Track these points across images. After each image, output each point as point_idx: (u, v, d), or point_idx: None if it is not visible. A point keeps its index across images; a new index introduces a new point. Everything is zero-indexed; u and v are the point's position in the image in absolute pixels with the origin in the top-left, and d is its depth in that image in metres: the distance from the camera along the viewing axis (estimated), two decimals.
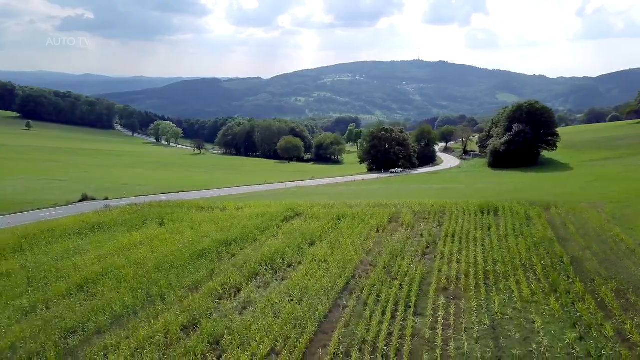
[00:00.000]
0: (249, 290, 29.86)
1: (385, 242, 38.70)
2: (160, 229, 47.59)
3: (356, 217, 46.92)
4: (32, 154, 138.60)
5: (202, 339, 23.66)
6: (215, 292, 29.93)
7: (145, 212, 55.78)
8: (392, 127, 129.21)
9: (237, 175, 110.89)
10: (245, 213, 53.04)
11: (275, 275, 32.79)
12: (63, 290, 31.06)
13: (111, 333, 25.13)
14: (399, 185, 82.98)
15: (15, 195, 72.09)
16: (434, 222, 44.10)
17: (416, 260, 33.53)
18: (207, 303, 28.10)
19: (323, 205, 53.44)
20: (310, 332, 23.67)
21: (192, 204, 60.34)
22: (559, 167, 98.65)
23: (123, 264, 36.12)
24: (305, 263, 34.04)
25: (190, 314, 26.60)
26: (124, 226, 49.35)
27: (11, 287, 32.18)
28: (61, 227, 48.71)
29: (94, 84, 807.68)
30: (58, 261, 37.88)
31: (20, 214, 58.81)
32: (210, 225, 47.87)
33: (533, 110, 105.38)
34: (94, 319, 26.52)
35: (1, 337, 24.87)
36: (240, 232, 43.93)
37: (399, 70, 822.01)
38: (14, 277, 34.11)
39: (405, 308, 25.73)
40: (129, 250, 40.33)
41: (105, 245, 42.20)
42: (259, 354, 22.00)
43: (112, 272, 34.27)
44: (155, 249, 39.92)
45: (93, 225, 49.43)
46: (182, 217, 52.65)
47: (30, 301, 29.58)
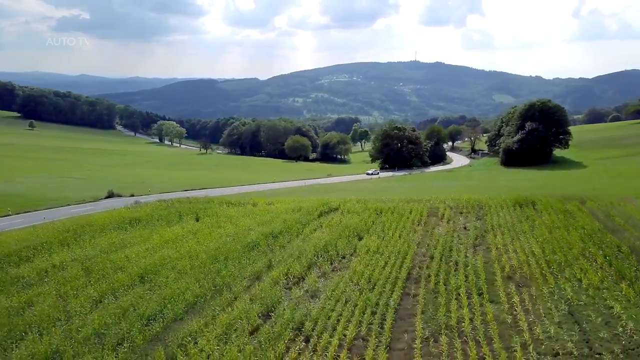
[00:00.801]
0: (311, 280, 30.24)
1: (431, 234, 39.25)
2: (197, 224, 47.93)
3: (394, 211, 47.42)
4: (39, 153, 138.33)
5: (285, 324, 24.02)
6: (279, 281, 30.33)
7: (177, 207, 56.03)
8: (404, 126, 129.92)
9: (250, 174, 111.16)
10: (279, 208, 53.50)
11: (332, 265, 33.19)
12: (125, 281, 31.31)
13: (190, 320, 25.43)
14: (419, 182, 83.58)
15: (38, 192, 72.11)
16: (473, 216, 44.67)
17: (470, 251, 34.06)
18: (276, 291, 28.48)
19: (356, 201, 53.98)
20: (391, 319, 24.07)
21: (220, 200, 60.67)
22: (573, 165, 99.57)
23: (175, 255, 36.44)
24: (360, 255, 34.46)
25: (263, 302, 26.95)
26: (161, 221, 49.63)
27: (72, 279, 32.37)
28: (99, 221, 48.87)
29: (90, 85, 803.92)
30: (108, 254, 38.07)
31: (51, 210, 58.88)
32: (248, 219, 48.26)
33: (546, 109, 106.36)
34: (169, 307, 26.82)
35: (83, 325, 25.09)
36: (282, 225, 44.34)
37: (396, 71, 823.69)
38: (71, 269, 34.28)
39: (477, 295, 26.18)
40: (175, 243, 40.64)
41: (150, 238, 42.45)
42: (347, 339, 22.37)
43: (168, 263, 34.58)
44: (202, 242, 40.25)
45: (131, 220, 49.63)
46: (215, 212, 52.98)
47: (97, 291, 29.80)
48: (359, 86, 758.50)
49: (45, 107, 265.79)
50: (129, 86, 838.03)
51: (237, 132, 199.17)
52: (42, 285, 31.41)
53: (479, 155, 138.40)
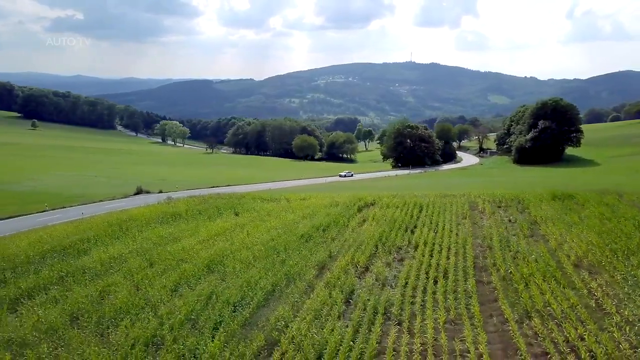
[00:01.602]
0: (378, 269, 30.79)
1: (480, 227, 39.95)
2: (239, 218, 48.39)
3: (434, 205, 48.13)
4: (49, 152, 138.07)
5: (371, 310, 24.60)
6: (347, 270, 30.88)
7: (212, 203, 56.48)
8: (417, 124, 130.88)
9: (265, 172, 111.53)
10: (314, 203, 54.08)
11: (391, 256, 33.80)
12: (193, 271, 31.74)
13: (274, 307, 25.95)
14: (439, 180, 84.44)
15: (63, 189, 72.25)
16: (515, 209, 45.38)
17: (527, 241, 34.74)
18: (349, 279, 29.04)
19: (391, 196, 54.62)
20: (477, 304, 24.71)
21: (252, 196, 61.24)
22: (586, 162, 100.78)
23: (232, 247, 36.92)
24: (418, 246, 35.09)
25: (340, 289, 27.53)
26: (202, 215, 50.05)
27: (138, 270, 32.75)
28: (141, 216, 49.20)
29: (85, 85, 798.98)
30: (163, 246, 38.44)
31: (86, 206, 59.17)
32: (290, 213, 48.76)
33: (558, 107, 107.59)
34: (249, 294, 27.31)
35: (171, 312, 25.53)
36: (326, 219, 44.93)
37: (391, 72, 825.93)
38: (133, 261, 34.64)
39: (554, 281, 26.81)
40: (225, 236, 41.14)
41: (198, 232, 42.85)
42: (439, 322, 22.99)
43: (229, 254, 35.04)
44: (252, 235, 40.76)
45: (171, 214, 50.04)
46: (252, 207, 53.50)
47: (169, 281, 30.21)
48: (355, 87, 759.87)
49: (46, 107, 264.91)
50: (123, 87, 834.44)
51: (243, 132, 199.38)
52: (110, 276, 31.76)
53: (488, 154, 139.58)
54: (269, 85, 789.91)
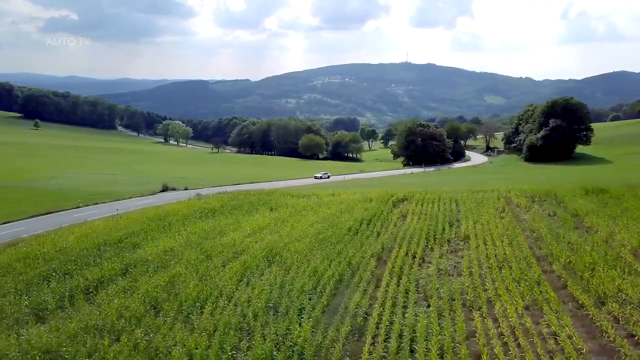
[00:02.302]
0: (435, 260, 31.51)
1: (523, 220, 40.73)
2: (275, 213, 48.89)
3: (469, 200, 48.93)
4: (56, 152, 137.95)
5: (447, 296, 25.30)
6: (406, 261, 31.55)
7: (243, 199, 57.06)
8: (428, 123, 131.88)
9: (277, 170, 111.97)
10: (346, 198, 54.88)
11: (443, 248, 34.52)
12: (253, 263, 32.29)
13: (350, 294, 26.58)
14: (457, 177, 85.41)
15: (88, 187, 72.46)
16: (550, 203, 46.22)
17: (575, 232, 35.48)
18: (413, 269, 29.76)
19: (422, 192, 55.49)
20: (551, 290, 25.42)
21: (281, 193, 61.88)
22: (597, 160, 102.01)
23: (282, 240, 37.48)
24: (469, 238, 35.79)
25: (407, 278, 28.24)
26: (238, 210, 50.62)
27: (196, 261, 33.24)
28: (177, 212, 49.66)
29: (79, 86, 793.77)
30: (211, 239, 38.96)
31: (116, 203, 59.50)
32: (326, 209, 49.38)
33: (569, 106, 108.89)
34: (320, 283, 27.90)
35: (249, 299, 26.12)
36: (365, 213, 45.63)
37: (388, 73, 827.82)
38: (188, 253, 35.11)
39: (618, 269, 27.49)
40: (270, 229, 41.82)
41: (241, 226, 43.34)
42: (518, 308, 23.65)
43: (283, 246, 35.63)
44: (297, 228, 41.35)
45: (208, 210, 50.54)
46: (285, 203, 54.09)
47: (232, 271, 30.74)
48: (352, 87, 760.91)
49: (47, 107, 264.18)
50: (119, 87, 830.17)
51: (248, 132, 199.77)
52: (172, 267, 32.18)
53: (495, 153, 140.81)
54: (265, 85, 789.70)
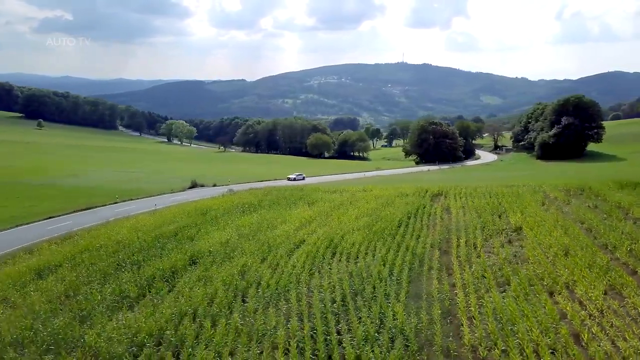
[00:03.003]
0: (497, 249, 32.33)
1: (567, 212, 41.63)
2: (315, 208, 49.55)
3: (507, 194, 49.83)
4: (67, 151, 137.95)
5: (526, 281, 26.14)
6: (467, 250, 32.36)
7: (277, 194, 57.81)
8: (440, 121, 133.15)
9: (291, 168, 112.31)
10: (379, 194, 55.79)
11: (500, 238, 35.33)
12: (318, 253, 33.04)
13: (425, 282, 27.38)
14: (478, 173, 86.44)
15: (116, 184, 72.88)
16: (587, 197, 47.16)
17: (627, 223, 36.39)
18: (480, 258, 30.56)
19: (453, 187, 56.55)
20: (622, 275, 26.30)
21: (312, 189, 62.68)
22: (610, 157, 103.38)
23: (335, 232, 38.30)
24: (524, 228, 36.60)
25: (477, 265, 29.09)
26: (277, 205, 51.37)
27: (259, 252, 33.94)
28: (217, 206, 50.43)
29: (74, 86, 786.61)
30: (263, 232, 39.69)
31: (151, 199, 60.13)
32: (365, 203, 50.26)
33: (581, 104, 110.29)
34: (395, 271, 28.69)
35: (331, 286, 26.87)
36: (407, 207, 46.60)
37: (384, 73, 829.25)
38: (247, 244, 35.78)
39: None
40: (318, 222, 42.60)
41: (288, 219, 44.09)
42: (599, 290, 24.50)
43: (339, 238, 36.46)
44: (344, 221, 42.16)
45: (247, 204, 51.33)
46: (320, 198, 54.97)
47: (300, 262, 31.47)
48: (348, 87, 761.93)
49: (48, 107, 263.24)
50: (113, 87, 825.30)
51: (253, 131, 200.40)
52: (238, 258, 32.82)
53: (503, 151, 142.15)
54: (261, 86, 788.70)
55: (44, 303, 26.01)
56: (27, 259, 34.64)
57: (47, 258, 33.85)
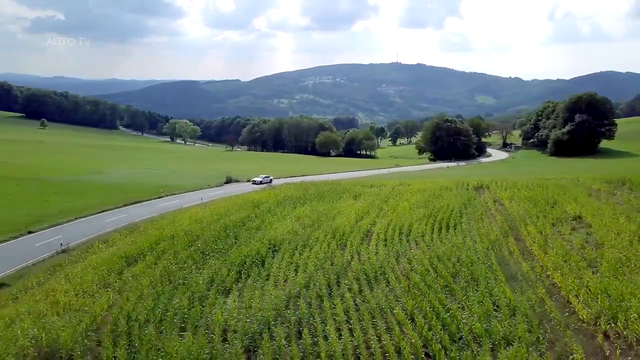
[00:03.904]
0: (567, 235, 33.50)
1: (619, 202, 42.83)
2: (362, 201, 50.48)
3: (551, 186, 51.06)
4: (79, 149, 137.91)
5: (615, 262, 27.24)
6: (538, 235, 33.44)
7: (316, 189, 58.34)
8: (454, 119, 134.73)
9: (309, 166, 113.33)
10: (422, 187, 56.70)
11: (564, 225, 36.37)
12: (394, 240, 34.08)
13: (513, 266, 28.47)
14: (500, 169, 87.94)
15: (147, 180, 73.57)
16: (631, 189, 48.35)
17: None
18: (557, 242, 31.68)
19: (490, 180, 57.79)
20: None
21: (350, 183, 63.63)
22: (623, 154, 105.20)
23: (399, 222, 39.33)
24: (583, 217, 37.71)
25: (560, 249, 30.21)
26: (324, 198, 52.26)
27: (330, 239, 34.91)
28: (265, 199, 51.30)
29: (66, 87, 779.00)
30: (325, 222, 40.63)
31: (193, 193, 60.90)
32: (411, 196, 51.26)
33: (593, 102, 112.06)
34: (479, 256, 29.71)
35: (426, 269, 27.90)
36: (456, 199, 47.77)
37: (378, 73, 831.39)
38: (316, 233, 36.73)
39: None
40: (375, 214, 43.51)
41: (344, 210, 45.03)
42: None
43: (406, 227, 37.50)
44: (401, 213, 43.07)
45: (293, 198, 52.39)
46: (362, 192, 55.85)
47: (381, 248, 32.49)
48: (343, 88, 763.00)
49: (49, 107, 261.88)
50: (107, 88, 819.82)
51: (259, 130, 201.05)
52: (313, 245, 33.81)
53: (513, 149, 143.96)
54: (256, 86, 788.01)
55: (147, 287, 26.83)
56: (106, 249, 35.44)
57: (126, 247, 34.60)
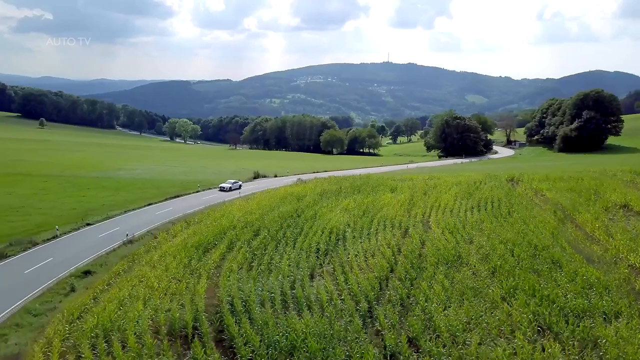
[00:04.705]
0: (624, 220, 34.93)
1: None
2: (401, 194, 51.34)
3: (586, 177, 52.46)
4: (88, 148, 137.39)
5: None
6: (597, 222, 34.73)
7: (346, 183, 58.95)
8: (462, 116, 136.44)
9: (319, 163, 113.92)
10: (456, 180, 57.65)
11: (615, 213, 37.69)
12: (458, 228, 35.22)
13: (581, 248, 29.68)
14: (514, 164, 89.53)
15: (175, 177, 74.05)
16: None
17: None
18: (620, 225, 33.00)
19: (521, 173, 59.14)
20: None
21: (381, 177, 64.63)
22: (631, 150, 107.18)
23: (447, 209, 40.54)
24: (626, 205, 39.12)
25: (622, 233, 31.49)
26: (361, 191, 53.06)
27: (385, 230, 35.93)
28: (301, 192, 52.29)
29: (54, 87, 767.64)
30: (373, 212, 41.70)
31: None
32: (447, 188, 52.25)
33: (600, 99, 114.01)
34: (548, 240, 30.87)
35: (500, 250, 29.03)
36: (497, 191, 48.79)
37: (369, 73, 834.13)
38: (374, 221, 37.75)
39: None
40: (421, 204, 44.56)
41: (386, 202, 45.95)
42: None
43: (462, 215, 38.58)
44: (446, 203, 44.22)
45: (330, 191, 53.15)
46: (396, 186, 56.68)
47: (445, 234, 33.59)
48: (335, 87, 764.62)
49: (46, 106, 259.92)
50: (95, 88, 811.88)
51: (262, 128, 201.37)
52: (379, 234, 34.82)
53: (517, 146, 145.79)
54: (247, 86, 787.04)
55: (237, 271, 27.74)
56: (171, 239, 36.08)
57: (192, 237, 35.15)
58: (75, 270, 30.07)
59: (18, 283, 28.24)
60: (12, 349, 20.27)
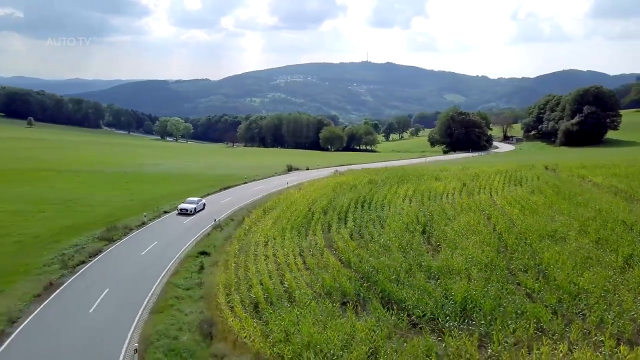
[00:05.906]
0: None
1: None
2: (447, 182, 53.11)
3: (620, 165, 55.15)
4: (90, 146, 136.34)
5: None
6: None
7: (394, 174, 60.58)
8: (467, 111, 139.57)
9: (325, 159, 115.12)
10: (489, 170, 59.94)
11: None
12: (527, 211, 37.19)
13: None
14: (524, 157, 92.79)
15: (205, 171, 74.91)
16: None
17: None
18: None
19: (553, 163, 61.74)
20: None
21: (418, 169, 66.47)
22: (630, 143, 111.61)
23: (509, 195, 42.53)
24: None
25: None
26: (408, 181, 54.73)
27: (462, 214, 37.73)
28: (349, 181, 54.07)
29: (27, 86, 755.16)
30: (431, 201, 43.50)
31: (268, 179, 62.89)
32: (491, 177, 54.49)
33: (600, 94, 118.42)
34: (609, 222, 32.98)
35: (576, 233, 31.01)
36: (544, 177, 51.15)
37: (349, 72, 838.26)
38: (444, 206, 39.53)
39: None
40: (476, 191, 46.54)
41: (439, 190, 47.69)
42: None
43: (525, 198, 40.61)
44: (500, 187, 46.31)
45: (374, 181, 55.06)
46: (438, 175, 58.59)
47: (525, 221, 35.51)
48: (315, 87, 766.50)
49: (31, 105, 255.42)
50: (70, 88, 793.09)
51: (257, 126, 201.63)
52: (457, 220, 36.59)
53: (514, 141, 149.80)
54: (227, 85, 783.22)
55: None
56: (254, 224, 37.15)
57: (283, 221, 36.40)
58: (190, 251, 31.07)
59: (144, 264, 29.06)
60: (196, 316, 21.33)
